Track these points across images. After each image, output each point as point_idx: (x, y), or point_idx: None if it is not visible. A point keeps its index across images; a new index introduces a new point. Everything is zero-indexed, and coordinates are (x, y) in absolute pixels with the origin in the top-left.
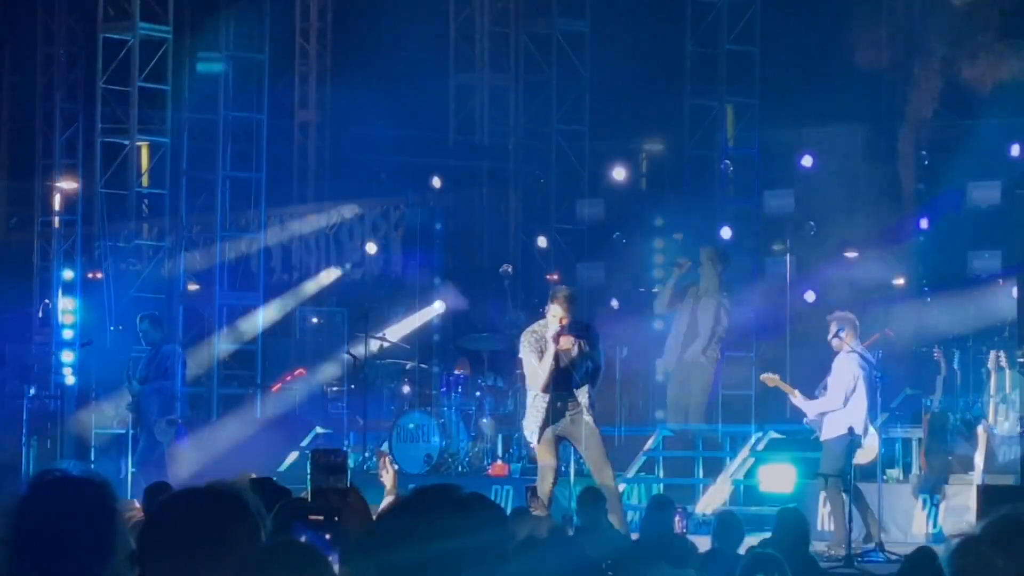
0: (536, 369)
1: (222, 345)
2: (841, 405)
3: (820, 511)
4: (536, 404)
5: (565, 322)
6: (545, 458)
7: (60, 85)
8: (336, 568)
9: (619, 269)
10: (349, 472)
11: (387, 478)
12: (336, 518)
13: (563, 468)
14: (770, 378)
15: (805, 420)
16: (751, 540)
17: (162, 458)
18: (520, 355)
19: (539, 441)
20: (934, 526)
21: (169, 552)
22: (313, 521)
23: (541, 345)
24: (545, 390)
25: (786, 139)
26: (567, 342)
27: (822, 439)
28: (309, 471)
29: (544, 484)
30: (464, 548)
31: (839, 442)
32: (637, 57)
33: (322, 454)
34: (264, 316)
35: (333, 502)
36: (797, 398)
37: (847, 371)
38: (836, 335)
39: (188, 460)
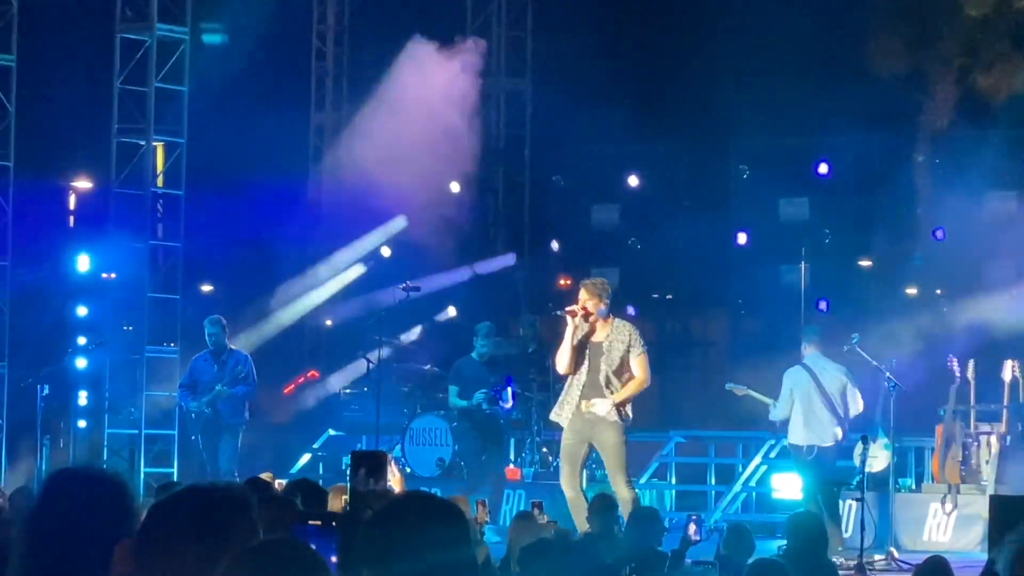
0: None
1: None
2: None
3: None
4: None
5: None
6: (563, 473)
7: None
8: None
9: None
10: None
11: (394, 481)
12: (333, 523)
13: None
14: (737, 388)
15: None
16: (764, 547)
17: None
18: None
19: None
20: (946, 535)
21: (167, 545)
22: (312, 526)
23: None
24: (567, 372)
25: (802, 147)
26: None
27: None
28: (348, 472)
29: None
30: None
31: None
32: None
33: (363, 456)
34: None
35: (371, 504)
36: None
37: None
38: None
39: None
